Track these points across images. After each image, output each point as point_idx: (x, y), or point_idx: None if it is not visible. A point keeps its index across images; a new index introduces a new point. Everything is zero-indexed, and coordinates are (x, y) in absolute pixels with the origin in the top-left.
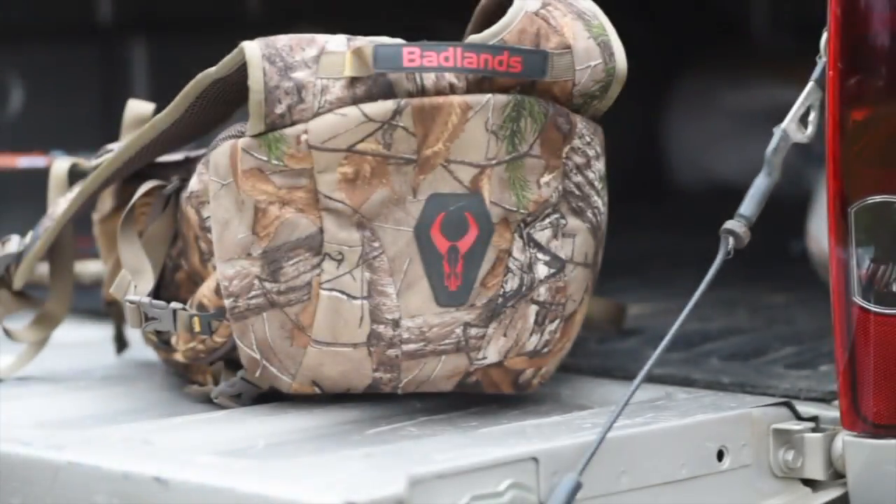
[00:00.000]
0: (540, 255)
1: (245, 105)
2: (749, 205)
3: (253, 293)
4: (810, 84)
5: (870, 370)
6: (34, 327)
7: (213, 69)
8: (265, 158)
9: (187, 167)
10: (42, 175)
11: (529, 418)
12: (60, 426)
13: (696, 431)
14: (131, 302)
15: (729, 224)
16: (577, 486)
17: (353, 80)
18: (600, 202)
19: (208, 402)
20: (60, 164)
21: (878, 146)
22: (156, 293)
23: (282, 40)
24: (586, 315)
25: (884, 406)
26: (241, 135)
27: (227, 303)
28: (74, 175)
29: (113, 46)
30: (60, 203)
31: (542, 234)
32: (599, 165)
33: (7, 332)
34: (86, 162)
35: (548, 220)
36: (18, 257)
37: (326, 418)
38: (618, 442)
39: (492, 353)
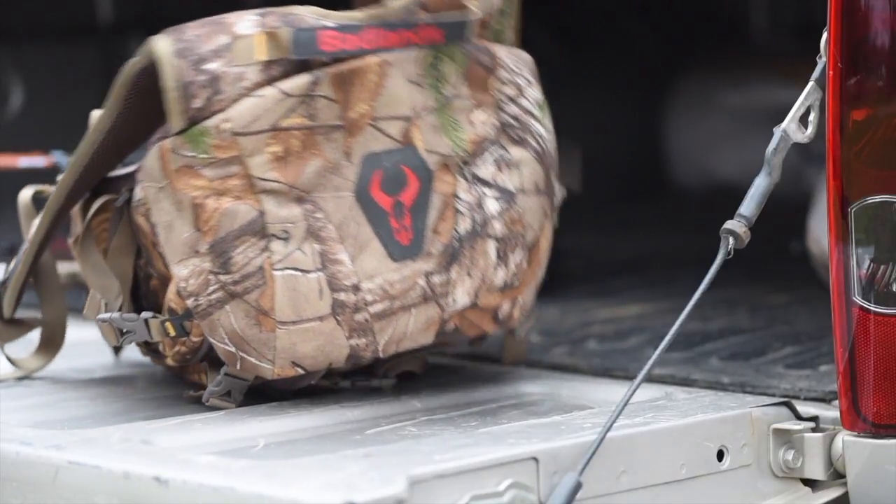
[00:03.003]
0: (487, 192)
1: None
2: (749, 205)
3: (210, 288)
4: (810, 84)
5: (870, 370)
6: (37, 356)
7: (135, 59)
8: (192, 154)
9: (136, 177)
10: (42, 175)
11: (529, 418)
12: (60, 426)
13: (696, 431)
14: (103, 320)
15: (729, 224)
16: (577, 486)
17: (268, 62)
18: (542, 129)
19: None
20: (25, 193)
21: (878, 146)
22: (136, 304)
23: (191, 29)
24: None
25: (884, 406)
26: (167, 136)
27: (189, 303)
28: (39, 201)
29: (113, 46)
30: (34, 226)
31: (486, 170)
32: (534, 92)
33: (12, 362)
34: (49, 188)
35: (489, 156)
36: (3, 285)
37: (326, 418)
38: (618, 442)
39: (461, 297)
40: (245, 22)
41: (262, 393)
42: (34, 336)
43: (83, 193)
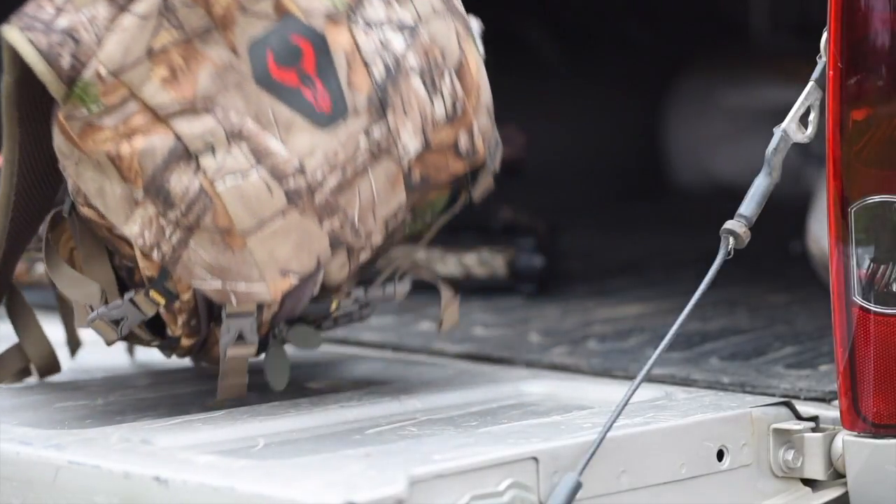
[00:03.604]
0: (387, 31)
1: None
2: (749, 205)
3: (167, 232)
4: (810, 84)
5: (870, 370)
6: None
7: (4, 75)
8: (86, 112)
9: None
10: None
11: (529, 418)
12: (60, 426)
13: (696, 431)
14: (91, 320)
15: (729, 224)
16: (577, 486)
17: None
18: None
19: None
20: None
21: (878, 146)
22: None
23: (27, 6)
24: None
25: (884, 406)
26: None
27: (155, 256)
28: None
29: None
30: None
31: (376, 12)
32: None
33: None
34: None
35: None
36: None
37: (326, 418)
38: (618, 442)
39: (410, 141)
40: None
41: (261, 393)
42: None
43: (36, 220)
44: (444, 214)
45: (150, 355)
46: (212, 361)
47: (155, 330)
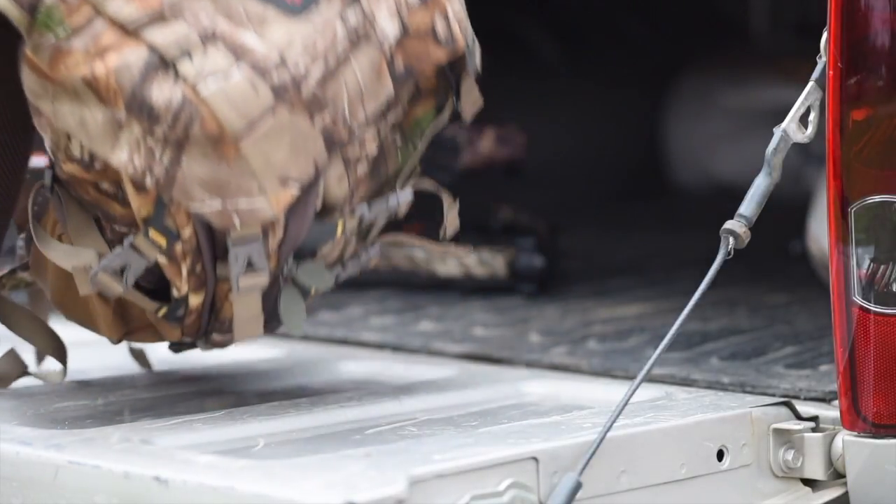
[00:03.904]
0: None
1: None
2: (749, 205)
3: (156, 152)
4: (810, 84)
5: (870, 370)
6: (54, 366)
7: None
8: (53, 38)
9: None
10: (42, 175)
11: (529, 418)
12: (60, 426)
13: (696, 431)
14: (94, 275)
15: (729, 224)
16: (577, 486)
17: None
18: None
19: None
20: None
21: (878, 146)
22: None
23: None
24: None
25: (884, 406)
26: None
27: (148, 182)
28: None
29: None
30: None
31: None
32: None
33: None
34: None
35: None
36: None
37: (326, 418)
38: (618, 442)
39: (387, 24)
40: None
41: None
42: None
43: (12, 185)
44: (431, 130)
45: (151, 355)
46: (224, 329)
47: (160, 296)
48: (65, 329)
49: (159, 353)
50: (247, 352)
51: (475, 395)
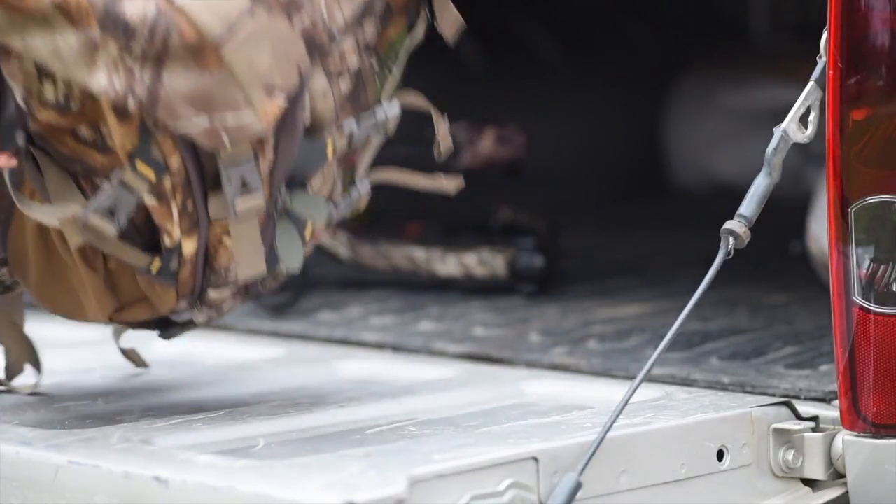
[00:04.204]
0: None
1: None
2: (749, 205)
3: (136, 72)
4: (810, 84)
5: (870, 370)
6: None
7: None
8: None
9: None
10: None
11: (529, 418)
12: (60, 426)
13: (696, 431)
14: (85, 218)
15: (729, 224)
16: (577, 486)
17: None
18: None
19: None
20: None
21: (878, 146)
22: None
23: None
24: None
25: (884, 406)
26: None
27: (131, 104)
28: None
29: None
30: None
31: None
32: None
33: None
34: None
35: None
36: None
37: (326, 418)
38: (618, 442)
39: None
40: None
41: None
42: None
43: None
44: (405, 51)
45: (150, 355)
46: (220, 282)
47: (151, 248)
48: (65, 329)
49: (160, 353)
50: (247, 352)
51: (475, 395)
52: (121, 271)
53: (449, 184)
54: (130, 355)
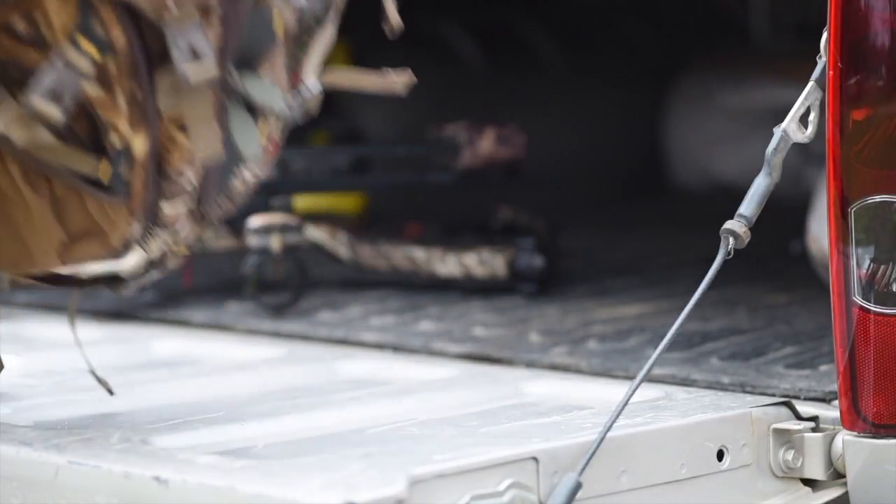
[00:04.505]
0: None
1: None
2: (749, 205)
3: None
4: (810, 84)
5: (870, 370)
6: None
7: None
8: None
9: None
10: None
11: (529, 418)
12: (60, 426)
13: (696, 431)
14: (31, 103)
15: (729, 224)
16: (577, 486)
17: None
18: None
19: None
20: None
21: (878, 146)
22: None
23: None
24: None
25: (884, 406)
26: None
27: None
28: None
29: None
30: None
31: None
32: None
33: None
34: None
35: None
36: None
37: (326, 418)
38: (618, 442)
39: None
40: None
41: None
42: None
43: None
44: None
45: (150, 355)
46: (175, 191)
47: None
48: (64, 329)
49: (159, 353)
50: (247, 352)
51: (475, 395)
52: (68, 198)
53: (398, 80)
54: (102, 382)
